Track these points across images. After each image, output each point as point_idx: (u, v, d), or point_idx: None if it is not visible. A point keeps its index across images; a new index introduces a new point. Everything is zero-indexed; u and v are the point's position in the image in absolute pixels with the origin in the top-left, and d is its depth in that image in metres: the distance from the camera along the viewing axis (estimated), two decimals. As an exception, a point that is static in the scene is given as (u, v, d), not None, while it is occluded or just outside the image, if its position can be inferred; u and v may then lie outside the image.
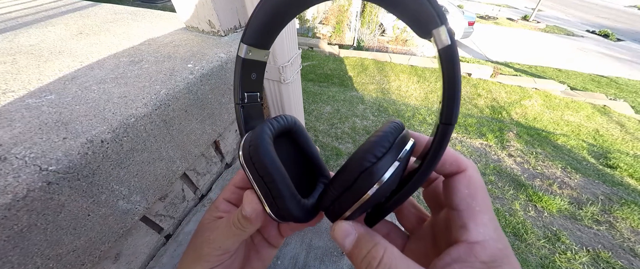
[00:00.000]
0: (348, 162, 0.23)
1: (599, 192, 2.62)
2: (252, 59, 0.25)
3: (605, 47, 10.72)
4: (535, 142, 3.49)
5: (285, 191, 0.23)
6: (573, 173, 2.88)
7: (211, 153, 0.71)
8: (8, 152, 0.33)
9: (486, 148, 3.25)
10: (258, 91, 0.28)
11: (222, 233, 0.26)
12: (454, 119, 0.18)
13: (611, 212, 2.37)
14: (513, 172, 2.83)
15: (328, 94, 4.23)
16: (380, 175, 0.20)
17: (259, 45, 0.25)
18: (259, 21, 0.23)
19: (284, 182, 0.23)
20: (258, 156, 0.22)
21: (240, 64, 0.25)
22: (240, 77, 0.25)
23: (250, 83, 0.26)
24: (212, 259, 0.25)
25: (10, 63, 0.53)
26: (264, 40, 0.25)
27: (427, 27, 0.17)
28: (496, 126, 3.79)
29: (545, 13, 17.06)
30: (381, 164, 0.20)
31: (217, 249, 0.25)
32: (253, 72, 0.26)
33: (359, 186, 0.20)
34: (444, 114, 0.18)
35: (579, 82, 6.84)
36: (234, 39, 0.68)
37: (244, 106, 0.26)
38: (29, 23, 0.73)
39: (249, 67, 0.25)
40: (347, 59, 6.67)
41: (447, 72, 0.17)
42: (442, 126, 0.19)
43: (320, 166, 0.29)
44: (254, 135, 0.24)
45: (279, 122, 0.26)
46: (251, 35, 0.24)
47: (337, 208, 0.22)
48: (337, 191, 0.22)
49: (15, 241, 0.30)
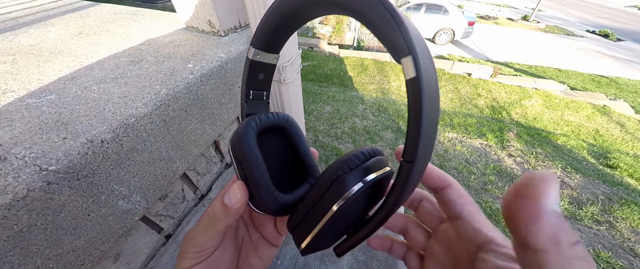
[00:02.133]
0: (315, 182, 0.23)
1: (599, 192, 2.62)
2: (259, 61, 0.26)
3: (605, 47, 10.72)
4: (535, 142, 3.49)
5: (258, 179, 0.23)
6: (573, 173, 2.87)
7: (211, 153, 0.71)
8: (8, 152, 0.33)
9: (486, 148, 3.25)
10: (264, 89, 0.29)
11: (197, 228, 0.25)
12: (419, 157, 0.16)
13: (611, 212, 2.37)
14: (513, 172, 2.83)
15: (328, 94, 4.23)
16: (346, 190, 0.20)
17: (266, 49, 0.26)
18: (265, 27, 0.24)
19: (258, 169, 0.23)
20: (237, 143, 0.24)
21: (248, 65, 0.26)
22: (247, 76, 0.27)
23: (257, 82, 0.28)
24: (190, 256, 0.24)
25: (10, 63, 0.53)
26: (270, 45, 0.26)
27: (398, 54, 0.16)
28: (496, 126, 3.79)
29: (545, 13, 17.05)
30: (349, 180, 0.21)
31: (192, 246, 0.24)
32: (261, 72, 0.28)
33: (325, 201, 0.21)
34: (407, 151, 0.17)
35: (579, 82, 6.84)
36: (234, 39, 0.68)
37: (248, 101, 0.28)
38: (29, 23, 0.73)
39: (257, 68, 0.27)
40: (347, 59, 6.67)
41: (413, 105, 0.16)
42: (404, 163, 0.17)
43: (309, 165, 0.29)
44: (240, 125, 0.25)
45: (268, 118, 0.27)
46: (258, 39, 0.25)
47: (304, 228, 0.23)
48: (303, 210, 0.23)
49: (15, 241, 0.30)
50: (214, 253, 0.26)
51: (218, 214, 0.24)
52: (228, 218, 0.24)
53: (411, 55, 0.15)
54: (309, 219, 0.22)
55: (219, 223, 0.24)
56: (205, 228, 0.24)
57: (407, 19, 0.16)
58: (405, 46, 0.15)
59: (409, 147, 0.17)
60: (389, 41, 0.17)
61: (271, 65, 0.28)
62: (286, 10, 0.22)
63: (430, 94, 0.16)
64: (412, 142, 0.16)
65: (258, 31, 0.25)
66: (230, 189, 0.24)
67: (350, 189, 0.21)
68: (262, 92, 0.29)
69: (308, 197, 0.23)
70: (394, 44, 0.16)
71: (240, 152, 0.24)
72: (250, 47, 0.26)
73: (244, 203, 0.24)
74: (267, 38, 0.25)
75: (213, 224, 0.24)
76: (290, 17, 0.23)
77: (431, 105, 0.16)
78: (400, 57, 0.16)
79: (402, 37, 0.16)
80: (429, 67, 0.16)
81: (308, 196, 0.23)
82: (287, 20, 0.23)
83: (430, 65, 0.17)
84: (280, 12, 0.22)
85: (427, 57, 0.16)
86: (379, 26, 0.17)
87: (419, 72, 0.15)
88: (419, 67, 0.15)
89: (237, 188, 0.24)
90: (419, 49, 0.16)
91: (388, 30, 0.16)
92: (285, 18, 0.23)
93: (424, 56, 0.16)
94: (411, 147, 0.16)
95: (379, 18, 0.16)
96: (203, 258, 0.25)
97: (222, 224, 0.24)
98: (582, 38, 11.78)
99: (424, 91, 0.15)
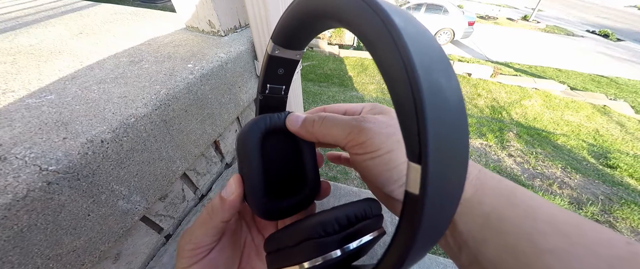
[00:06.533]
0: (305, 220, 0.21)
1: (599, 192, 2.62)
2: (278, 56, 0.25)
3: (605, 47, 10.72)
4: (535, 142, 3.49)
5: (251, 179, 0.23)
6: (573, 173, 2.88)
7: (211, 153, 0.71)
8: (8, 152, 0.33)
9: (486, 148, 3.25)
10: (283, 84, 0.28)
11: (194, 224, 0.25)
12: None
13: (611, 212, 2.37)
14: (513, 172, 2.83)
15: (328, 94, 4.23)
16: (320, 253, 0.19)
17: (286, 46, 0.25)
18: (283, 24, 0.23)
19: (252, 168, 0.23)
20: (241, 140, 0.24)
21: (266, 58, 0.26)
22: (265, 70, 0.26)
23: (275, 76, 0.27)
24: (185, 255, 0.24)
25: (10, 63, 0.53)
26: (291, 42, 0.25)
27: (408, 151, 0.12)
28: (496, 126, 3.79)
29: (545, 13, 17.05)
30: (328, 243, 0.19)
31: (188, 243, 0.24)
32: (281, 67, 0.27)
33: (298, 251, 0.20)
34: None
35: (579, 82, 6.84)
36: (234, 39, 0.68)
37: (264, 96, 0.28)
38: (29, 23, 0.73)
39: (276, 63, 0.26)
40: (347, 59, 6.67)
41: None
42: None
43: (308, 173, 0.28)
44: (248, 122, 0.25)
45: (279, 119, 0.27)
46: (278, 34, 0.24)
47: (276, 259, 0.21)
48: (282, 242, 0.21)
49: (15, 241, 0.30)
50: (211, 253, 0.25)
51: (215, 207, 0.23)
52: (224, 211, 0.23)
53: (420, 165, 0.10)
54: (282, 255, 0.21)
55: (216, 216, 0.24)
56: (203, 221, 0.24)
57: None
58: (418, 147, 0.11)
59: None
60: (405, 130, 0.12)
61: (293, 61, 0.27)
62: (310, 12, 0.19)
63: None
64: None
65: (277, 26, 0.23)
66: (227, 183, 0.24)
67: (325, 254, 0.18)
68: (281, 86, 0.28)
69: (285, 234, 0.21)
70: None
71: (241, 149, 0.24)
72: (269, 40, 0.25)
73: (238, 196, 0.23)
74: (286, 33, 0.23)
75: (211, 217, 0.24)
76: (313, 20, 0.20)
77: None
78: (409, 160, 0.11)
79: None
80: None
81: (286, 232, 0.22)
82: (309, 23, 0.21)
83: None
84: (306, 12, 0.19)
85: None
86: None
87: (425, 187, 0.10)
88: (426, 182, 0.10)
89: (233, 181, 0.24)
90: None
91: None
92: (308, 19, 0.20)
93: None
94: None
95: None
96: (199, 258, 0.24)
97: (219, 217, 0.24)
98: (582, 38, 11.79)
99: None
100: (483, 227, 0.19)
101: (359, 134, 0.21)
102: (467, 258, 0.20)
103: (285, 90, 0.29)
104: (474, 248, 0.19)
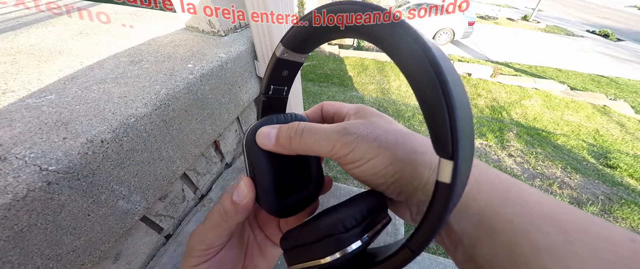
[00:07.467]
0: (322, 218, 0.22)
1: (599, 192, 2.62)
2: (286, 59, 0.26)
3: (605, 47, 10.72)
4: (535, 142, 3.49)
5: (264, 179, 0.24)
6: (573, 173, 2.88)
7: (211, 153, 0.71)
8: (8, 152, 0.33)
9: (486, 148, 3.25)
10: (286, 85, 0.29)
11: (205, 226, 0.25)
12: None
13: (611, 212, 2.37)
14: (513, 172, 2.83)
15: (328, 94, 4.23)
16: (343, 247, 0.20)
17: (295, 50, 0.25)
18: (301, 31, 0.23)
19: (263, 169, 0.24)
20: (251, 141, 0.24)
21: (273, 61, 0.26)
22: (271, 72, 0.27)
23: (279, 78, 0.28)
24: (196, 254, 0.24)
25: (10, 63, 0.53)
26: (302, 47, 0.25)
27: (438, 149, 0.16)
28: (496, 126, 3.79)
29: (545, 13, 17.05)
30: (347, 237, 0.20)
31: (200, 243, 0.24)
32: (286, 69, 0.27)
33: (321, 247, 0.20)
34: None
35: (579, 82, 6.84)
36: (234, 39, 0.68)
37: (267, 97, 0.28)
38: (29, 23, 0.73)
39: (282, 65, 0.27)
40: (347, 59, 6.67)
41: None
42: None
43: (313, 167, 0.29)
44: (256, 122, 0.25)
45: (286, 119, 0.27)
46: (290, 39, 0.24)
47: (296, 255, 0.22)
48: (301, 239, 0.22)
49: (15, 241, 0.30)
50: (220, 252, 0.26)
51: (229, 211, 0.24)
52: (237, 215, 0.24)
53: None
54: (300, 252, 0.22)
55: (230, 219, 0.24)
56: (215, 224, 0.24)
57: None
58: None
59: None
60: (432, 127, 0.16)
61: (298, 63, 0.28)
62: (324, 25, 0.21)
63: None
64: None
65: (294, 33, 0.24)
66: (238, 186, 0.24)
67: (346, 247, 0.20)
68: (283, 87, 0.29)
69: (304, 231, 0.22)
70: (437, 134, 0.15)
71: (251, 153, 0.24)
72: (279, 44, 0.25)
73: (251, 200, 0.24)
74: (302, 41, 0.24)
75: (224, 221, 0.24)
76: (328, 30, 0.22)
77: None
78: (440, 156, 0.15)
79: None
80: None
81: (304, 229, 0.22)
82: (330, 32, 0.22)
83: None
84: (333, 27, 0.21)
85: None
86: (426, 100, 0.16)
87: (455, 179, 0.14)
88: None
89: (244, 185, 0.24)
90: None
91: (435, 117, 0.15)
92: (332, 30, 0.22)
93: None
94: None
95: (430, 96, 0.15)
96: (209, 257, 0.25)
97: (233, 221, 0.24)
98: (582, 38, 11.78)
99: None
100: (477, 225, 0.18)
101: (343, 148, 0.22)
102: (463, 256, 0.20)
103: (287, 91, 0.30)
104: (469, 247, 0.19)
